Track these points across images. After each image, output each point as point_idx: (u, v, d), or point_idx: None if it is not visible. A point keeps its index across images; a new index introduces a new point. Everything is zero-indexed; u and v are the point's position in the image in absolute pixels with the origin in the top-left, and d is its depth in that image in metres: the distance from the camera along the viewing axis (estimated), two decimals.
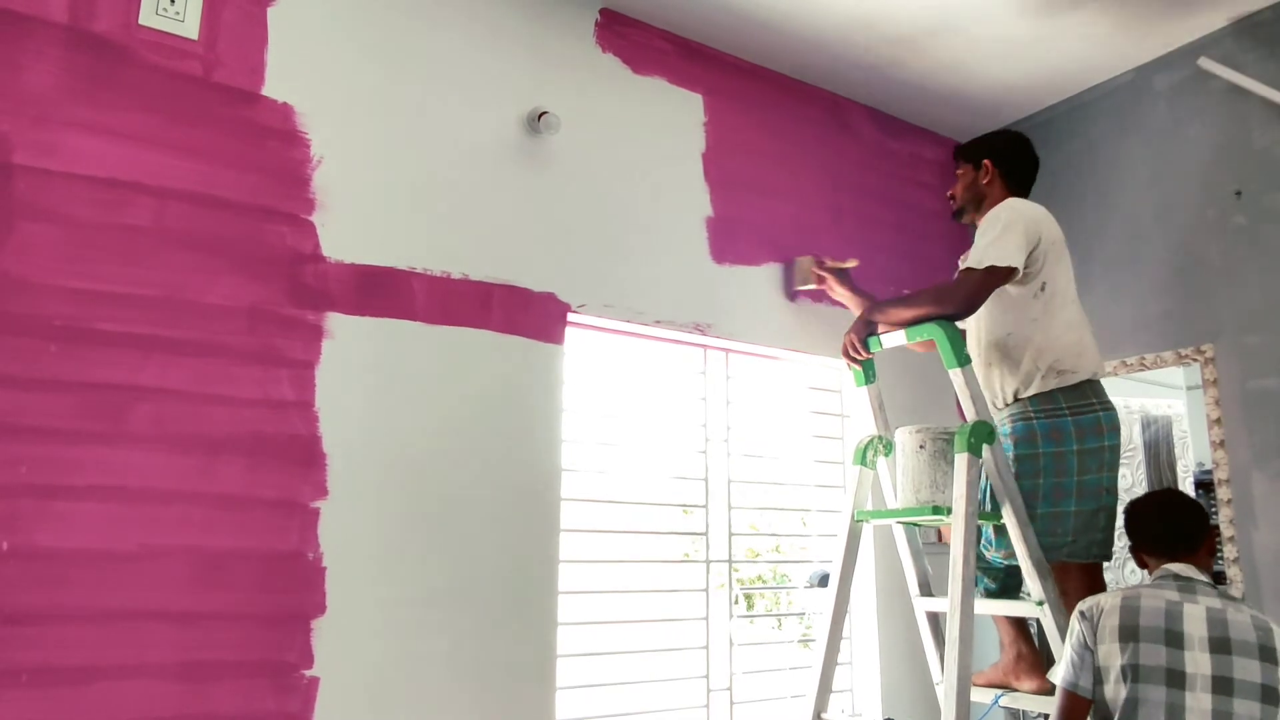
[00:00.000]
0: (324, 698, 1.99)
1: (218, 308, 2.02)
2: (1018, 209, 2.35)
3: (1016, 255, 2.26)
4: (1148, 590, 1.87)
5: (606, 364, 2.69)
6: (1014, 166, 2.55)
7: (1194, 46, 2.88)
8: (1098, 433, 2.27)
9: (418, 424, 2.24)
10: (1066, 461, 2.26)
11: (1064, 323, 2.32)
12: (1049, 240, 2.33)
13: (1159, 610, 1.81)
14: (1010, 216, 2.32)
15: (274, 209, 2.13)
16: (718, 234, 2.87)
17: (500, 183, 2.48)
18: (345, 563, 2.07)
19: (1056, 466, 2.26)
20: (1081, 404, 2.28)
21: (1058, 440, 2.27)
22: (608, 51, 2.76)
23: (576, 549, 2.51)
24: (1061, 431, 2.27)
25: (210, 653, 1.89)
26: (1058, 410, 2.29)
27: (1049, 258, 2.33)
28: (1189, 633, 1.77)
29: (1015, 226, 2.29)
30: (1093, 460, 2.26)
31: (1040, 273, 2.32)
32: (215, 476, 1.96)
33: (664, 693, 2.60)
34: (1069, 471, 2.26)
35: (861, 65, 3.11)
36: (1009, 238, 2.27)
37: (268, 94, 2.17)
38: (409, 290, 2.28)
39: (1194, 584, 1.86)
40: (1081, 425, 2.27)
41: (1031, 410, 2.32)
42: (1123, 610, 1.83)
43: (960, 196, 2.61)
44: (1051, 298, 2.32)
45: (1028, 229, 2.30)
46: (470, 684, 2.19)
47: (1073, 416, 2.28)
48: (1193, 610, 1.80)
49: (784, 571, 3.20)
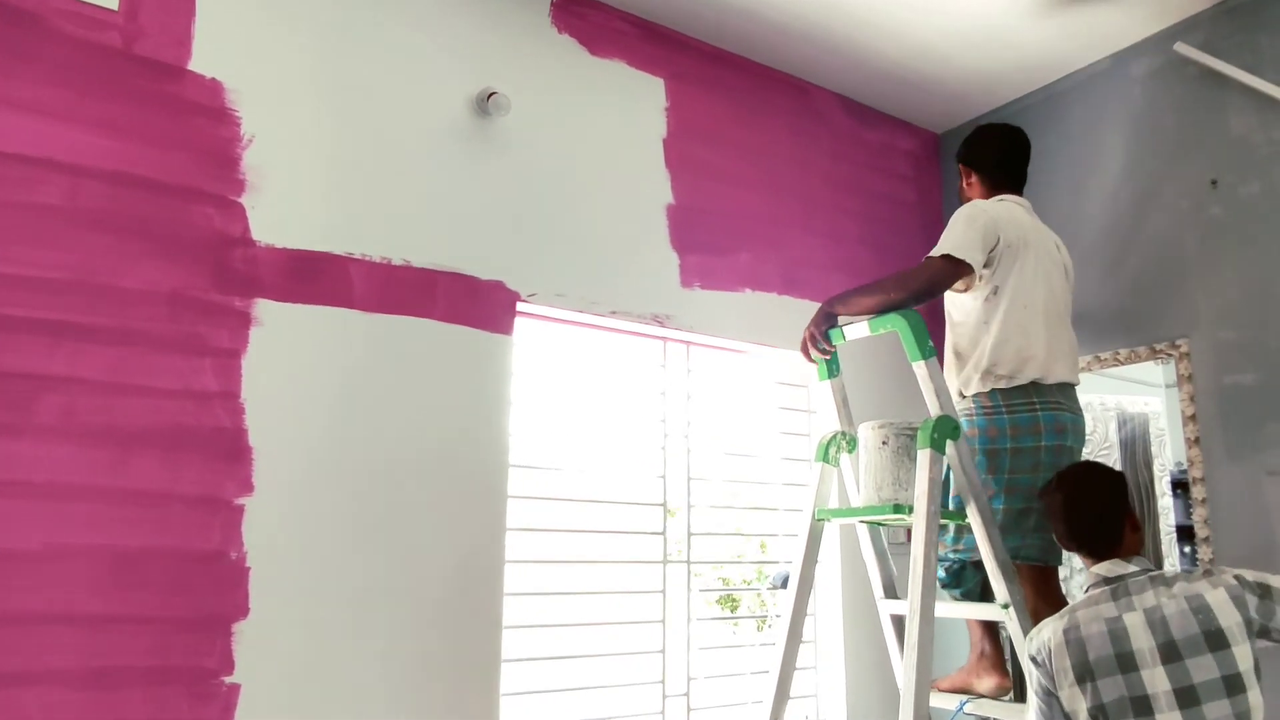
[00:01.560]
0: (245, 706, 1.88)
1: (136, 293, 1.91)
2: (982, 208, 2.34)
3: (974, 251, 2.24)
4: (1085, 613, 1.82)
5: (561, 356, 2.59)
6: (990, 164, 2.51)
7: (1171, 32, 2.79)
8: (1034, 433, 2.23)
9: (354, 417, 2.13)
10: (999, 459, 2.24)
11: (1013, 327, 2.27)
12: (1007, 243, 2.30)
13: (1103, 636, 1.77)
14: (971, 214, 2.31)
15: (200, 190, 2.02)
16: (679, 222, 2.76)
17: (446, 166, 2.37)
18: (271, 563, 1.96)
19: (989, 464, 2.25)
20: (1018, 403, 2.26)
21: (993, 438, 2.26)
22: (564, 32, 2.65)
23: (527, 549, 2.41)
24: (998, 429, 2.26)
25: (120, 659, 1.78)
26: (995, 409, 2.28)
27: (1003, 261, 2.29)
28: (1138, 649, 1.74)
29: (975, 224, 2.27)
30: (1026, 460, 2.22)
31: (993, 277, 2.30)
32: (129, 471, 1.85)
33: (617, 699, 2.49)
34: (1000, 469, 2.24)
35: (832, 51, 3.01)
36: (968, 233, 2.25)
37: (195, 69, 2.06)
38: (346, 277, 2.17)
39: (1125, 583, 1.83)
40: (1018, 424, 2.24)
41: (974, 408, 2.32)
42: (1070, 647, 1.80)
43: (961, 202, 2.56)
44: (1001, 301, 2.29)
45: (986, 229, 2.28)
46: (406, 691, 2.08)
47: (1009, 415, 2.26)
48: (1134, 620, 1.76)
49: (748, 573, 3.10)
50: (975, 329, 2.32)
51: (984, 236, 2.25)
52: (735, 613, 3.23)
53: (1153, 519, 3.21)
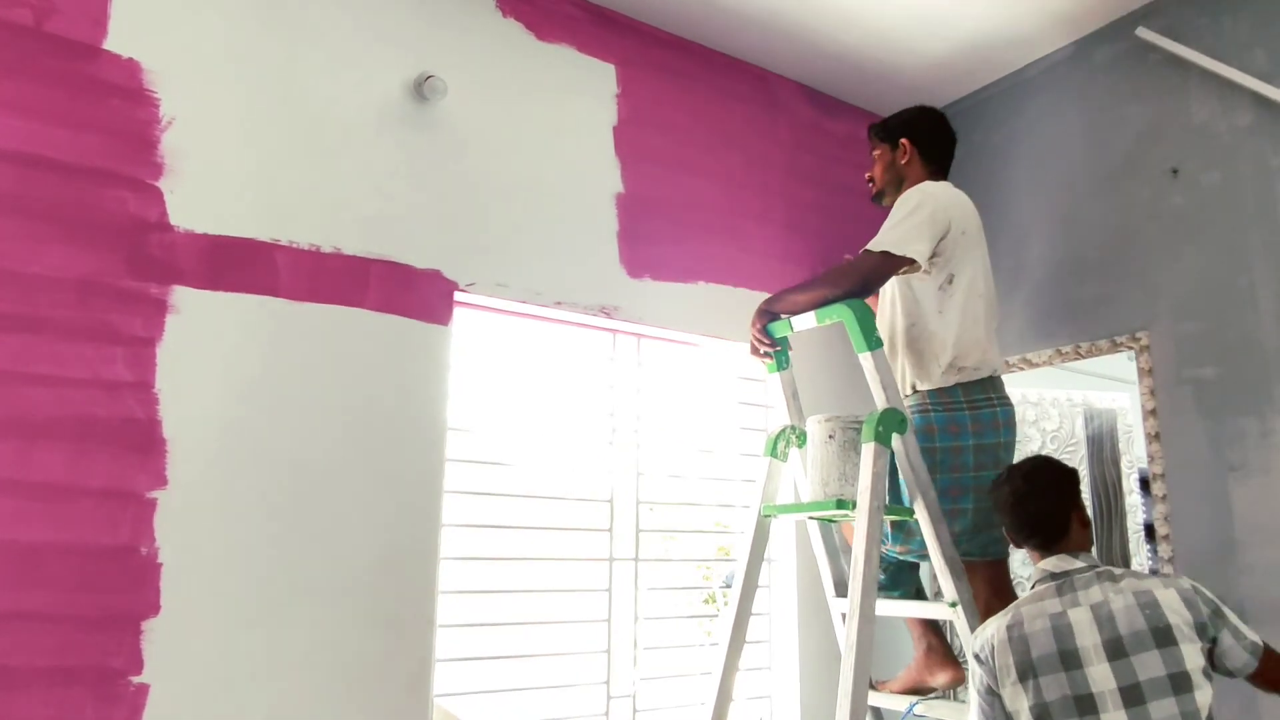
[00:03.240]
0: (154, 707, 1.81)
1: (42, 279, 1.84)
2: (931, 193, 2.25)
3: (918, 245, 2.16)
4: (1029, 609, 1.76)
5: (507, 348, 2.52)
6: (931, 145, 2.43)
7: (1133, 17, 2.73)
8: (994, 428, 2.19)
9: (278, 409, 2.06)
10: (962, 457, 2.18)
11: (971, 317, 2.22)
12: (959, 230, 2.23)
13: (1047, 632, 1.71)
14: (920, 200, 2.22)
15: (114, 172, 1.95)
16: (629, 212, 2.69)
17: (380, 151, 2.30)
18: (185, 559, 1.89)
19: (953, 462, 2.19)
20: (979, 399, 2.21)
21: (954, 434, 2.20)
22: (509, 16, 2.58)
23: (469, 546, 2.34)
24: (959, 425, 2.19)
25: (18, 658, 1.71)
26: (955, 404, 2.21)
27: (958, 249, 2.23)
28: (1083, 646, 1.68)
29: (922, 213, 2.19)
30: (988, 456, 2.17)
31: (948, 264, 2.23)
32: (33, 463, 1.78)
33: (561, 700, 2.42)
34: (965, 467, 2.19)
35: (791, 37, 2.94)
36: (915, 226, 2.17)
37: (110, 48, 1.99)
38: (271, 264, 2.10)
39: (1071, 579, 1.77)
40: (979, 420, 2.19)
41: (929, 403, 2.24)
42: (1013, 645, 1.73)
43: (880, 179, 2.50)
44: (956, 291, 2.22)
45: (935, 217, 2.20)
46: (330, 692, 2.01)
47: (970, 411, 2.20)
48: (1079, 617, 1.71)
49: (703, 571, 3.04)
50: (929, 318, 2.24)
51: (932, 225, 2.18)
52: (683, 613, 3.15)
53: (1120, 517, 3.14)
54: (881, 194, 2.49)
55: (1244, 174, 2.42)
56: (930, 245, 2.17)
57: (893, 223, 2.20)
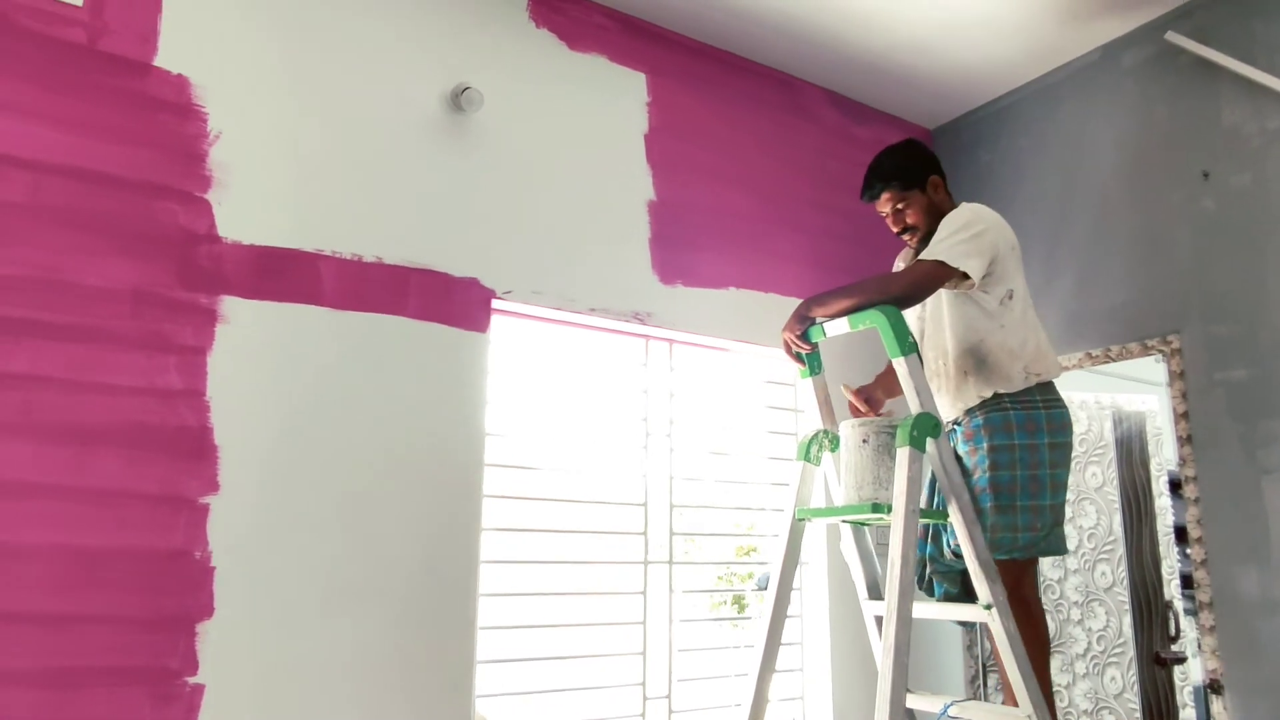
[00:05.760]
0: (209, 707, 1.86)
1: (98, 290, 1.90)
2: (979, 214, 2.27)
3: (973, 261, 2.17)
4: None
5: (542, 354, 2.56)
6: (941, 170, 2.45)
7: (1162, 21, 2.74)
8: (1063, 428, 2.23)
9: (323, 416, 2.10)
10: (1039, 454, 2.20)
11: (1031, 326, 2.28)
12: (1008, 246, 2.28)
13: None
14: (970, 218, 2.24)
15: (165, 186, 2.00)
16: (661, 218, 2.73)
17: (419, 162, 2.34)
18: (237, 562, 1.94)
19: (1031, 459, 2.20)
20: (1051, 398, 2.25)
21: (1031, 432, 2.21)
22: (542, 27, 2.62)
23: (505, 549, 2.38)
24: (1035, 423, 2.22)
25: (80, 659, 1.76)
26: (1032, 403, 2.23)
27: (1009, 265, 2.26)
28: None
29: (975, 230, 2.20)
30: (1060, 454, 2.21)
31: (1003, 280, 2.26)
32: (90, 470, 1.83)
33: (597, 701, 2.46)
34: (1042, 464, 2.20)
35: (818, 45, 2.97)
36: (967, 241, 2.18)
37: (160, 65, 2.04)
38: (315, 274, 2.15)
39: None
40: (1053, 419, 2.22)
41: (1008, 402, 2.25)
42: None
43: (924, 222, 2.41)
44: (1016, 304, 2.27)
45: (987, 236, 2.22)
46: (376, 693, 2.05)
47: (1045, 410, 2.23)
48: None
49: (736, 573, 3.06)
50: (992, 334, 2.27)
51: (984, 244, 2.20)
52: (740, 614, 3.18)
53: (1150, 519, 3.15)
54: (928, 235, 2.45)
55: (1275, 176, 2.43)
56: (984, 264, 2.18)
57: (943, 235, 2.20)
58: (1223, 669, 2.40)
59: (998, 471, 2.18)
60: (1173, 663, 2.98)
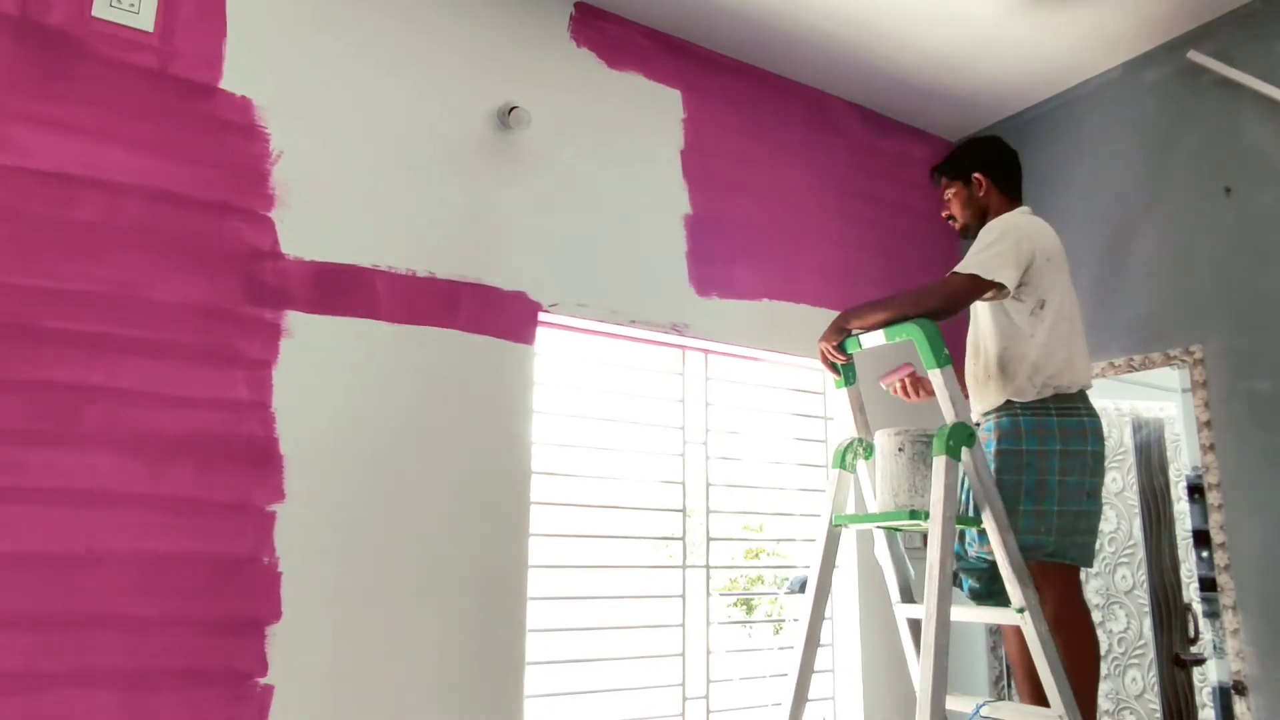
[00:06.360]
0: (278, 707, 1.93)
1: (170, 306, 1.97)
2: (1014, 224, 2.32)
3: (1006, 271, 2.22)
4: None
5: (582, 364, 2.63)
6: (1000, 171, 2.49)
7: (1184, 39, 2.82)
8: (1081, 436, 2.25)
9: (380, 425, 2.18)
10: (1049, 460, 2.23)
11: (1059, 339, 2.29)
12: (1045, 257, 2.30)
13: None
14: (1003, 230, 2.29)
15: (231, 205, 2.08)
16: (697, 232, 2.81)
17: (468, 179, 2.42)
18: (303, 568, 2.02)
19: (1040, 464, 2.24)
20: (1067, 407, 2.27)
21: (1041, 438, 2.25)
22: (582, 46, 2.70)
23: (549, 554, 2.46)
24: (1046, 430, 2.25)
25: (158, 660, 1.84)
26: (1044, 411, 2.27)
27: (1044, 275, 2.29)
28: None
29: (1007, 242, 2.25)
30: (1075, 462, 2.23)
31: (1036, 290, 2.29)
32: (166, 479, 1.91)
33: (637, 701, 2.53)
34: (1051, 470, 2.23)
35: (847, 61, 3.04)
36: (1000, 253, 2.24)
37: (225, 87, 2.12)
38: (372, 288, 2.23)
39: None
40: (1066, 427, 2.24)
41: (1019, 407, 2.30)
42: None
43: (961, 215, 2.52)
44: (1047, 315, 2.29)
45: (1020, 246, 2.26)
46: (433, 693, 2.13)
47: (1058, 417, 2.26)
48: None
49: (767, 576, 3.14)
50: (1022, 342, 2.31)
51: (1017, 253, 2.24)
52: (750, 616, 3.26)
53: (1168, 524, 3.22)
54: (967, 229, 2.53)
55: None
56: (1017, 273, 2.23)
57: (978, 248, 2.26)
58: (1247, 670, 2.48)
59: (1000, 475, 2.23)
60: (1192, 664, 3.05)
